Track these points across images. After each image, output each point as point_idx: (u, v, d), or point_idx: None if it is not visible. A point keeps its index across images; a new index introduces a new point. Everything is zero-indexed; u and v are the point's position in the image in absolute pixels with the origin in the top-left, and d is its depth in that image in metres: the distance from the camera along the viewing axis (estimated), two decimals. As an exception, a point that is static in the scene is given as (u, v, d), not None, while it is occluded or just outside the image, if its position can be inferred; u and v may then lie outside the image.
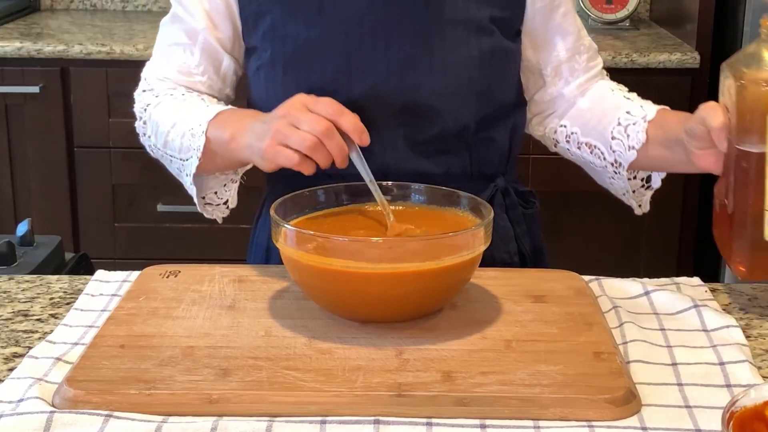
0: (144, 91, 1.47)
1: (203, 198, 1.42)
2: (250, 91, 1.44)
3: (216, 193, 1.42)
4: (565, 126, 1.47)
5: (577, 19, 1.48)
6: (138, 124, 1.46)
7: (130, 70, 2.79)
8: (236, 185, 1.41)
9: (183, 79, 1.43)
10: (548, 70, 1.47)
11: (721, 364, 1.08)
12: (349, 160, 1.22)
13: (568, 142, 1.47)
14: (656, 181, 1.43)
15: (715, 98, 1.22)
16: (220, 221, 1.46)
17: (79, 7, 3.36)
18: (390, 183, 1.27)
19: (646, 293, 1.26)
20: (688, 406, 1.00)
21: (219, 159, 1.33)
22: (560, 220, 2.83)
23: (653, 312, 1.22)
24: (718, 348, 1.11)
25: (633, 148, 1.36)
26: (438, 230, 1.18)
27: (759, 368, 1.09)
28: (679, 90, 2.74)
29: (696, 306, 1.21)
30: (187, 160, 1.35)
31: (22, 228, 1.81)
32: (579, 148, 1.45)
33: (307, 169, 1.20)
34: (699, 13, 2.78)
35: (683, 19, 2.95)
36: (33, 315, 1.22)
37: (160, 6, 3.35)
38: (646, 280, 1.30)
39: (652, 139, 1.34)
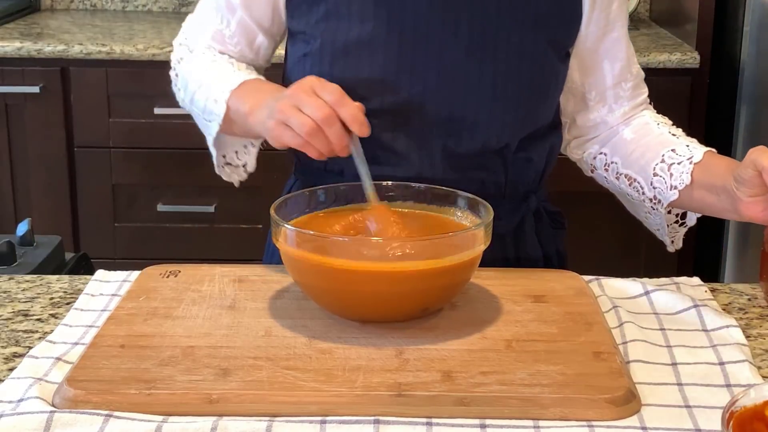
0: (180, 44, 1.47)
1: (224, 157, 1.42)
2: (288, 74, 1.41)
3: (236, 153, 1.42)
4: (605, 154, 1.45)
5: (630, 47, 1.45)
6: (171, 74, 1.47)
7: (130, 70, 2.81)
8: (256, 150, 1.41)
9: (216, 45, 1.43)
10: (592, 95, 1.45)
11: (721, 363, 1.08)
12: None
13: (606, 170, 1.45)
14: (692, 219, 1.40)
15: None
16: (236, 185, 1.45)
17: (79, 7, 3.36)
18: (390, 183, 1.27)
19: (646, 293, 1.26)
20: (688, 406, 1.00)
21: (237, 128, 1.34)
22: (560, 220, 2.83)
23: (653, 312, 1.22)
24: (717, 348, 1.11)
25: (675, 188, 1.33)
26: (438, 230, 1.18)
27: (759, 368, 1.09)
28: (679, 90, 2.74)
29: (696, 306, 1.21)
30: (210, 121, 1.35)
31: (22, 228, 1.81)
32: (617, 178, 1.43)
33: (311, 152, 1.19)
34: (699, 13, 2.78)
35: (683, 19, 2.95)
36: (33, 315, 1.22)
37: (160, 6, 3.35)
38: (646, 280, 1.30)
39: (696, 182, 1.31)
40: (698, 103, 2.75)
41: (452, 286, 1.15)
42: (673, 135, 1.40)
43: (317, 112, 1.16)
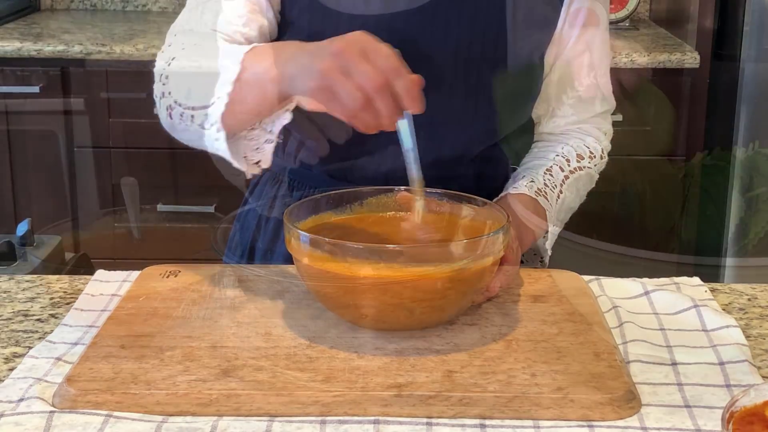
0: (164, 51, 1.28)
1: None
2: None
3: (245, 157, 1.23)
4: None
5: (591, 59, 1.42)
6: (156, 86, 1.26)
7: (130, 70, 2.81)
8: (272, 145, 1.22)
9: (225, 27, 1.27)
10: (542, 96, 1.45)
11: (721, 364, 1.08)
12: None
13: None
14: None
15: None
16: (249, 176, 1.27)
17: (79, 7, 3.36)
18: (403, 188, 1.23)
19: (646, 293, 1.26)
20: (687, 406, 1.00)
21: (251, 96, 1.15)
22: (560, 220, 2.82)
23: (653, 312, 1.22)
24: (717, 348, 1.11)
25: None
26: (459, 235, 1.16)
27: (759, 368, 1.09)
28: (679, 90, 2.74)
29: (696, 306, 1.21)
30: (212, 104, 1.16)
31: (22, 228, 1.82)
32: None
33: (358, 126, 1.08)
34: (699, 13, 2.78)
35: (683, 19, 2.95)
36: (33, 315, 1.22)
37: (160, 6, 3.35)
38: (646, 280, 1.30)
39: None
40: (698, 103, 2.75)
41: (471, 292, 1.12)
42: (547, 172, 1.39)
43: (369, 83, 1.04)
